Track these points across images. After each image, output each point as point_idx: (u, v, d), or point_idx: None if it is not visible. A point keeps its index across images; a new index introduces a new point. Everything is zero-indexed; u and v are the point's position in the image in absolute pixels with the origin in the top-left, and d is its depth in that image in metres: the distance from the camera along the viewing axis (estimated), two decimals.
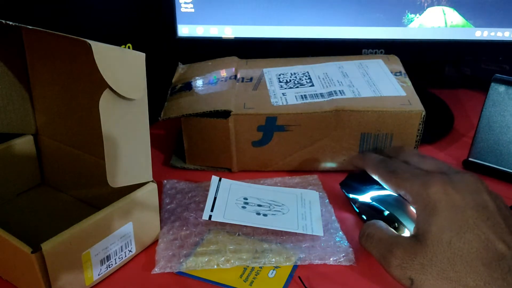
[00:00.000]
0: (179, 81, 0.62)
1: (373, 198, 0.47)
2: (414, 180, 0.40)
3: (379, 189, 0.47)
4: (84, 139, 0.49)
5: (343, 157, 0.55)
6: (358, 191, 0.49)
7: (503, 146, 0.55)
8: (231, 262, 0.43)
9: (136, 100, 0.38)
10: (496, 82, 0.54)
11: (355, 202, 0.50)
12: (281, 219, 0.47)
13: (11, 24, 0.39)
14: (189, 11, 0.64)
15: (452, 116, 0.69)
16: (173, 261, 0.43)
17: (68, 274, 0.38)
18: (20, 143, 0.51)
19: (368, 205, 0.48)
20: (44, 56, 0.48)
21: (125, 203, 0.41)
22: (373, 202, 0.47)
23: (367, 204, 0.48)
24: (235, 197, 0.49)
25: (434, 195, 0.38)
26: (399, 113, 0.52)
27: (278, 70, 0.62)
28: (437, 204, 0.37)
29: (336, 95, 0.55)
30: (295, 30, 0.65)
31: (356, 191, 0.50)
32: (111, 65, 0.35)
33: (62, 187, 0.53)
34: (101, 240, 0.40)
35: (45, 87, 0.50)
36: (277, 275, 0.42)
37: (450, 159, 0.60)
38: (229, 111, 0.53)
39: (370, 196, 0.48)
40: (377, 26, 0.64)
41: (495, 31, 0.64)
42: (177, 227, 0.47)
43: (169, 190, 0.53)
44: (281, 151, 0.55)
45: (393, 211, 0.44)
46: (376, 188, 0.47)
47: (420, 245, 0.36)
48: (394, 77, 0.59)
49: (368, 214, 0.48)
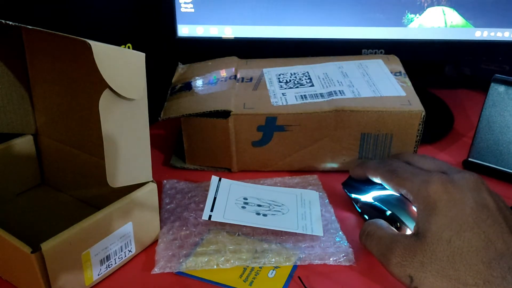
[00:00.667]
0: (179, 81, 0.62)
1: (375, 198, 0.47)
2: (414, 179, 0.40)
3: (381, 189, 0.47)
4: (84, 139, 0.49)
5: (343, 157, 0.55)
6: (360, 191, 0.49)
7: (503, 146, 0.55)
8: (231, 262, 0.43)
9: (136, 100, 0.38)
10: (496, 82, 0.54)
11: (357, 202, 0.50)
12: (281, 219, 0.47)
13: (11, 24, 0.39)
14: (189, 11, 0.64)
15: (452, 116, 0.69)
16: (172, 261, 0.43)
17: (67, 274, 0.38)
18: (20, 143, 0.51)
19: (370, 205, 0.48)
20: (44, 56, 0.48)
21: (125, 203, 0.41)
22: (375, 202, 0.47)
23: (369, 204, 0.48)
24: (235, 197, 0.49)
25: (434, 193, 0.38)
26: (399, 113, 0.52)
27: (278, 70, 0.62)
28: (438, 203, 0.37)
29: (336, 95, 0.55)
30: (295, 30, 0.65)
31: (358, 191, 0.50)
32: (111, 65, 0.35)
33: (62, 187, 0.53)
34: (101, 240, 0.40)
35: (45, 87, 0.50)
36: (277, 275, 0.42)
37: (450, 159, 0.60)
38: (229, 111, 0.53)
39: (372, 196, 0.48)
40: (377, 26, 0.64)
41: (495, 31, 0.64)
42: (177, 227, 0.47)
43: (169, 190, 0.53)
44: (281, 151, 0.55)
45: (395, 211, 0.44)
46: (378, 188, 0.47)
47: (420, 243, 0.36)
48: (394, 77, 0.59)
49: (370, 214, 0.48)
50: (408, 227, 0.43)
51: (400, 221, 0.43)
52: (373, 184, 0.48)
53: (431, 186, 0.38)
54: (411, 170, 0.42)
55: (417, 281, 0.36)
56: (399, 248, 0.37)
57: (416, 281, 0.36)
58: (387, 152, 0.55)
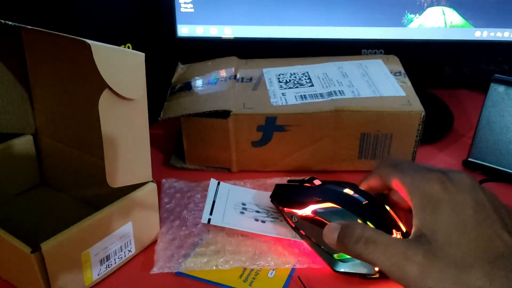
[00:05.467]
0: (179, 81, 0.62)
1: (316, 212, 0.43)
2: (415, 174, 0.38)
3: (319, 202, 0.43)
4: (84, 139, 0.49)
5: (343, 157, 0.55)
6: (295, 205, 0.44)
7: (503, 146, 0.55)
8: (230, 263, 0.43)
9: (136, 100, 0.38)
10: (495, 82, 0.54)
11: (291, 217, 0.44)
12: (280, 226, 0.46)
13: (11, 24, 0.39)
14: (189, 11, 0.64)
15: (452, 116, 0.69)
16: (172, 261, 0.43)
17: (67, 274, 0.38)
18: (19, 143, 0.51)
19: (311, 220, 0.43)
20: (44, 56, 0.48)
21: (124, 203, 0.41)
22: (316, 217, 0.42)
23: (309, 219, 0.43)
24: (233, 202, 0.49)
25: (435, 192, 0.37)
26: (398, 113, 0.52)
27: (278, 70, 0.62)
28: (440, 202, 0.36)
29: (336, 95, 0.55)
30: (295, 30, 0.65)
31: (292, 205, 0.45)
32: (110, 65, 0.35)
33: (62, 187, 0.53)
34: (100, 240, 0.40)
35: (45, 87, 0.50)
36: (276, 275, 0.42)
37: (450, 159, 0.60)
38: (228, 111, 0.53)
39: (311, 210, 0.43)
40: (376, 26, 0.64)
41: (494, 31, 0.64)
42: (176, 227, 0.47)
43: (167, 189, 0.53)
44: (280, 151, 0.55)
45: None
46: (317, 200, 0.43)
47: (433, 248, 0.34)
48: (393, 77, 0.59)
49: (308, 229, 0.43)
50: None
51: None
52: (309, 196, 0.44)
53: (432, 184, 0.37)
54: (413, 167, 0.41)
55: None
56: (419, 255, 0.34)
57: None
58: (387, 152, 0.55)
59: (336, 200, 0.42)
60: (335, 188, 0.44)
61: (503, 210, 0.37)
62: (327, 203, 0.42)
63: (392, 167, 0.41)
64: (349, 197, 0.43)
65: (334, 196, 0.43)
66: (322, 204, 0.43)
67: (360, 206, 0.42)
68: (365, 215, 0.41)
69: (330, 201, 0.42)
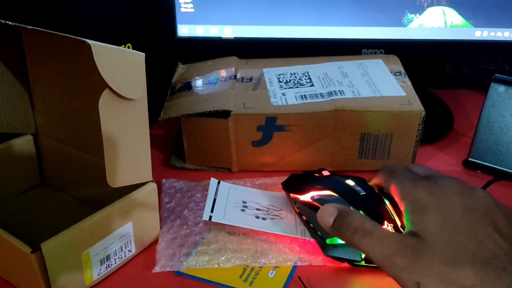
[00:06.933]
0: (179, 81, 0.62)
1: (315, 198, 0.45)
2: (406, 181, 0.40)
3: (320, 190, 0.45)
4: (84, 139, 0.49)
5: (343, 157, 0.56)
6: (299, 191, 0.47)
7: (503, 146, 0.55)
8: (231, 262, 0.43)
9: (136, 100, 0.38)
10: (495, 82, 0.54)
11: (296, 202, 0.47)
12: (280, 223, 0.47)
13: (11, 24, 0.39)
14: (189, 11, 0.64)
15: (452, 116, 0.69)
16: (173, 260, 0.43)
17: (67, 274, 0.38)
18: (19, 143, 0.51)
19: (309, 205, 0.45)
20: (44, 56, 0.48)
21: (125, 203, 0.41)
22: (314, 202, 0.45)
23: (307, 204, 0.45)
24: (234, 200, 0.49)
25: (422, 198, 0.38)
26: (399, 113, 0.52)
27: (278, 70, 0.62)
28: (428, 207, 0.37)
29: (336, 95, 0.55)
30: (295, 30, 0.65)
31: (296, 190, 0.48)
32: (110, 65, 0.35)
33: (62, 187, 0.53)
34: (100, 240, 0.40)
35: (45, 87, 0.50)
36: (277, 275, 0.42)
37: (450, 159, 0.60)
38: (229, 111, 0.53)
39: (310, 196, 0.46)
40: (377, 26, 0.64)
41: (494, 31, 0.64)
42: (177, 226, 0.47)
43: (168, 189, 0.53)
44: (280, 151, 0.55)
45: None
46: (318, 188, 0.45)
47: (422, 244, 0.36)
48: (394, 77, 0.59)
49: (308, 214, 0.45)
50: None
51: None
52: (312, 184, 0.46)
53: (419, 191, 0.38)
54: (407, 174, 0.42)
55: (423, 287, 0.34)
56: (409, 250, 0.35)
57: (423, 287, 0.34)
58: (387, 152, 0.55)
59: (335, 188, 0.45)
60: (338, 179, 0.47)
61: (498, 211, 0.37)
62: (327, 191, 0.45)
63: (390, 173, 0.43)
64: (348, 187, 0.45)
65: (334, 185, 0.45)
66: (322, 191, 0.45)
67: (357, 197, 0.44)
68: (360, 204, 0.42)
69: (329, 189, 0.45)
